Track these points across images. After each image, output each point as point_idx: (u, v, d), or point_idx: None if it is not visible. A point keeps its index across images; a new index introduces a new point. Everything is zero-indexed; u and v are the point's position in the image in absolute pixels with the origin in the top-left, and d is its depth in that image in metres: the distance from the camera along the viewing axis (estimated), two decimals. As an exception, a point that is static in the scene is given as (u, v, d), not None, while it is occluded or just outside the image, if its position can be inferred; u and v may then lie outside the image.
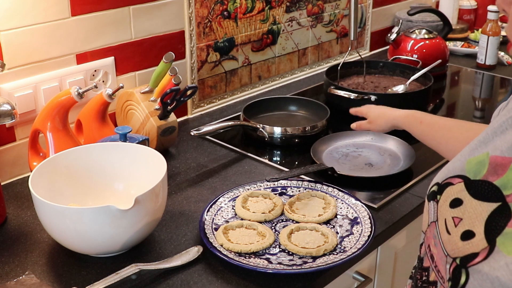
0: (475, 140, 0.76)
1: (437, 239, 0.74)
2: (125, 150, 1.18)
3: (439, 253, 0.73)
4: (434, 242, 0.75)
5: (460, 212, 0.71)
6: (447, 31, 2.16)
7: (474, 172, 0.72)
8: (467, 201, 0.71)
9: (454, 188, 0.73)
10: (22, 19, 1.26)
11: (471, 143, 0.77)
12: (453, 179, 0.74)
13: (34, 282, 0.99)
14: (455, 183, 0.74)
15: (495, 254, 0.65)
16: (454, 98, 1.98)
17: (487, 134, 0.75)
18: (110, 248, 1.03)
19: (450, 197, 0.73)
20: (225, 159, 1.44)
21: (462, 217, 0.70)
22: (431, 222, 0.77)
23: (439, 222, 0.74)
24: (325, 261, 1.03)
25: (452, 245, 0.70)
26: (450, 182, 0.74)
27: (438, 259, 0.74)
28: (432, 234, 0.76)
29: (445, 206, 0.73)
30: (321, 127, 1.53)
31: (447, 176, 0.76)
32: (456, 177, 0.74)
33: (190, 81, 1.65)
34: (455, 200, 0.72)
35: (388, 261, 1.28)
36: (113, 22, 1.43)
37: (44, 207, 0.99)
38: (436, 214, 0.75)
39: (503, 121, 0.74)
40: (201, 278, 1.01)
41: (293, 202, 1.21)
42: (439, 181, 0.77)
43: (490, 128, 0.76)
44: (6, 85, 1.27)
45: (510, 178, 0.68)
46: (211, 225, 1.13)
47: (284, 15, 1.86)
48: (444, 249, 0.72)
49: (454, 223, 0.71)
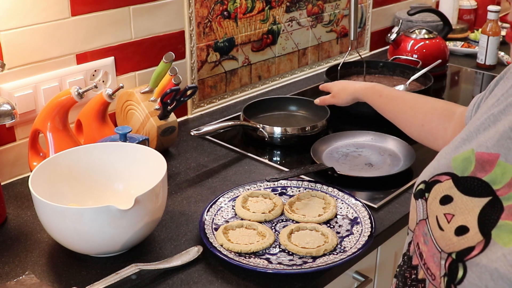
0: (458, 138, 0.77)
1: (428, 236, 0.74)
2: (125, 150, 1.18)
3: (429, 250, 0.74)
4: (424, 240, 0.75)
5: (452, 208, 0.71)
6: (447, 31, 2.16)
7: (461, 169, 0.73)
8: (457, 198, 0.71)
9: (442, 185, 0.74)
10: (22, 19, 1.26)
11: (453, 140, 0.78)
12: (440, 176, 0.75)
13: (34, 282, 0.99)
14: (442, 180, 0.74)
15: (491, 246, 0.65)
16: (454, 98, 1.98)
17: (470, 132, 0.76)
18: (110, 248, 1.03)
19: (440, 194, 0.74)
20: (225, 159, 1.44)
21: (454, 213, 0.71)
22: (420, 220, 0.77)
23: (429, 219, 0.75)
24: (325, 261, 1.03)
25: (446, 240, 0.70)
26: (438, 180, 0.75)
27: (428, 256, 0.74)
28: (421, 232, 0.76)
29: (435, 204, 0.74)
30: (321, 127, 1.53)
31: (433, 174, 0.76)
32: (443, 174, 0.75)
33: (190, 81, 1.65)
34: (445, 197, 0.73)
35: (388, 261, 1.28)
36: (113, 22, 1.43)
37: (44, 207, 0.99)
38: (426, 212, 0.76)
39: (485, 119, 0.75)
40: (201, 278, 1.01)
41: (293, 202, 1.21)
42: (426, 179, 0.77)
43: (471, 125, 0.77)
44: (6, 85, 1.27)
45: (498, 173, 0.69)
46: (211, 225, 1.13)
47: (284, 15, 1.86)
48: (437, 245, 0.72)
49: (446, 219, 0.71)
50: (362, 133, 1.50)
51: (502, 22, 2.23)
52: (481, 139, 0.73)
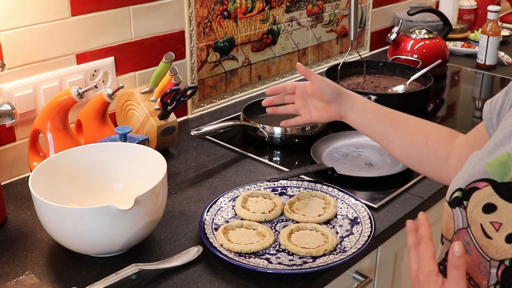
0: (490, 143, 0.75)
1: (470, 246, 0.73)
2: (125, 150, 1.18)
3: (473, 260, 0.72)
4: (465, 249, 0.73)
5: (498, 217, 0.69)
6: (447, 31, 2.16)
7: (499, 175, 0.71)
8: (501, 205, 0.69)
9: (482, 192, 0.72)
10: (22, 19, 1.26)
11: (485, 146, 0.76)
12: (478, 183, 0.73)
13: (34, 282, 0.99)
14: (481, 187, 0.72)
15: None
16: (454, 98, 1.98)
17: (503, 137, 0.74)
18: (110, 248, 1.03)
19: (481, 202, 0.71)
20: (225, 159, 1.44)
21: (501, 221, 0.69)
22: (459, 229, 0.75)
23: (472, 228, 0.72)
24: (325, 261, 1.03)
25: (497, 248, 0.69)
26: (476, 187, 0.73)
27: (472, 266, 0.72)
28: (461, 241, 0.74)
29: (477, 212, 0.72)
30: (321, 127, 1.53)
31: (469, 181, 0.74)
32: (481, 181, 0.72)
33: (190, 81, 1.65)
34: (488, 205, 0.71)
35: (388, 261, 1.28)
36: (113, 22, 1.43)
37: (44, 207, 0.99)
38: (466, 221, 0.73)
39: None
40: (201, 278, 1.01)
41: (293, 202, 1.21)
42: (462, 187, 0.75)
43: (503, 131, 0.75)
44: (6, 85, 1.27)
45: None
46: (211, 225, 1.13)
47: (284, 15, 1.86)
48: (484, 254, 0.70)
49: (494, 228, 0.69)
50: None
51: (502, 22, 2.23)
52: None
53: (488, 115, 0.87)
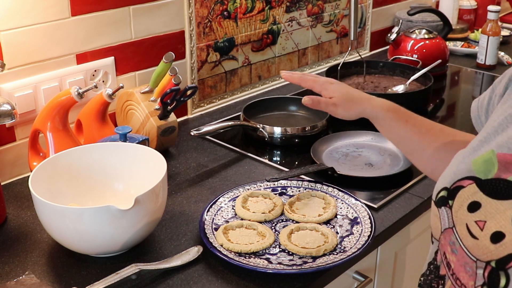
0: (475, 141, 0.75)
1: (456, 246, 0.72)
2: (125, 150, 1.18)
3: (459, 260, 0.71)
4: (451, 249, 0.73)
5: (482, 215, 0.68)
6: (447, 31, 2.16)
7: (483, 172, 0.70)
8: (485, 202, 0.68)
9: (466, 190, 0.71)
10: (22, 19, 1.26)
11: (471, 143, 0.76)
12: (463, 181, 0.72)
13: (34, 282, 0.99)
14: (465, 185, 0.71)
15: None
16: (454, 98, 1.98)
17: (488, 134, 0.73)
18: (110, 248, 1.03)
19: (466, 201, 0.71)
20: (225, 159, 1.44)
21: (485, 219, 0.68)
22: (446, 228, 0.74)
23: (457, 228, 0.72)
24: (325, 261, 1.03)
25: (483, 249, 0.68)
26: (460, 185, 0.72)
27: (458, 266, 0.71)
28: (447, 241, 0.74)
29: (462, 211, 0.71)
30: (321, 127, 1.53)
31: (454, 179, 0.73)
32: (465, 179, 0.72)
33: (190, 81, 1.65)
34: (472, 203, 0.70)
35: (388, 261, 1.28)
36: (113, 22, 1.43)
37: (44, 207, 0.99)
38: (451, 220, 0.73)
39: (502, 120, 0.73)
40: (201, 278, 1.01)
41: (293, 202, 1.21)
42: (447, 186, 0.74)
43: (488, 127, 0.75)
44: (6, 85, 1.27)
45: None
46: (211, 225, 1.13)
47: (284, 15, 1.86)
48: (470, 255, 0.69)
49: (479, 227, 0.68)
50: (362, 133, 1.49)
51: (502, 22, 2.23)
52: (500, 140, 0.71)
53: (476, 113, 0.88)
